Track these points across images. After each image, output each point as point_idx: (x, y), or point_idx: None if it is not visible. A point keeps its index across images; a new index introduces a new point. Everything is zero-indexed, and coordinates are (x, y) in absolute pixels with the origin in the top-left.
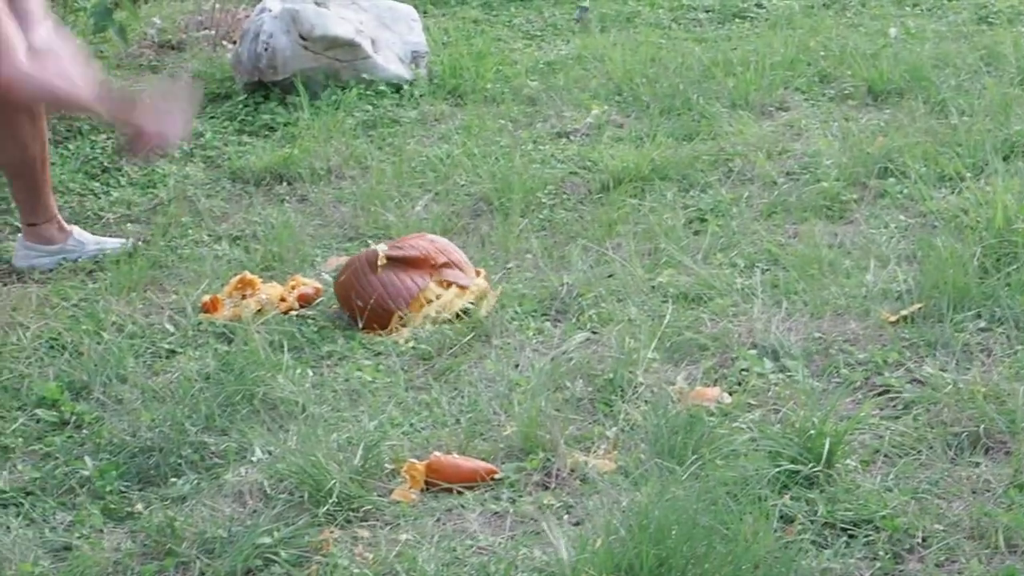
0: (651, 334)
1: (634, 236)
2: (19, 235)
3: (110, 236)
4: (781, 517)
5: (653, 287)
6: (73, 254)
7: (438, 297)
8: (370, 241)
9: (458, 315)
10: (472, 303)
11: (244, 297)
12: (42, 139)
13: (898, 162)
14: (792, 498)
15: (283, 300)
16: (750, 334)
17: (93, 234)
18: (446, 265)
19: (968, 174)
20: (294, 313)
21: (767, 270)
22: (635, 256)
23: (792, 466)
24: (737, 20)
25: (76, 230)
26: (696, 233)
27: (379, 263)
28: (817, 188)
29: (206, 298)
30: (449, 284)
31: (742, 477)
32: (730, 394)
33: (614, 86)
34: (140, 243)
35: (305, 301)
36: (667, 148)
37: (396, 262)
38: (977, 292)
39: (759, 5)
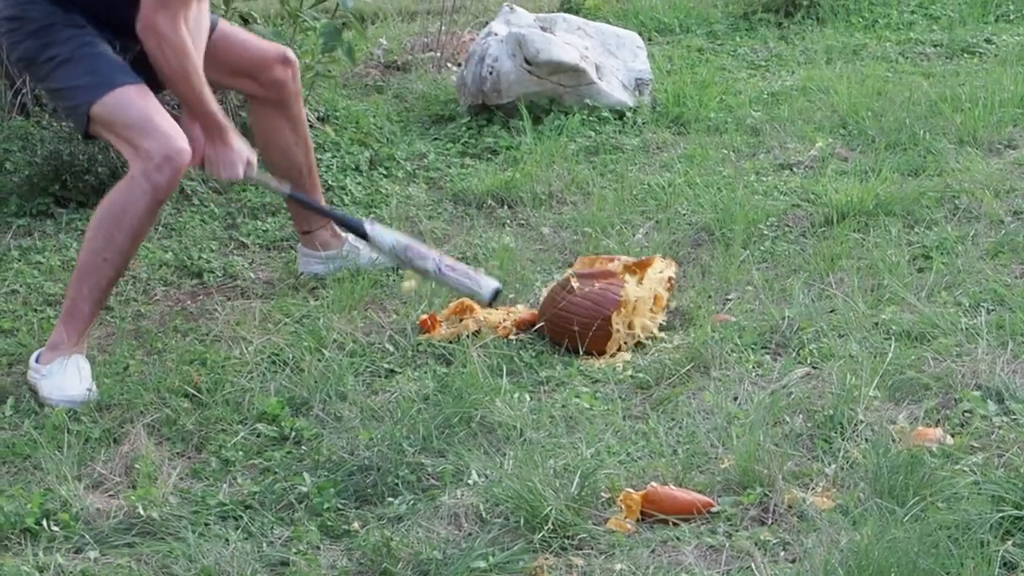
0: (872, 371)
1: (857, 271)
2: (299, 244)
3: None
4: (1004, 564)
5: (875, 324)
6: (348, 260)
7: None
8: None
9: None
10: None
11: (462, 320)
12: (305, 145)
13: None
14: (1015, 544)
15: (500, 325)
16: (974, 375)
17: None
18: (636, 265)
19: None
20: (512, 337)
21: (992, 310)
22: (857, 292)
23: (1016, 512)
24: (966, 55)
25: (351, 236)
26: (920, 270)
27: (573, 283)
28: None
29: (424, 316)
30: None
31: (964, 521)
32: (952, 436)
33: (839, 119)
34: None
35: (523, 326)
36: (892, 183)
37: (586, 279)
38: None
39: (988, 41)
